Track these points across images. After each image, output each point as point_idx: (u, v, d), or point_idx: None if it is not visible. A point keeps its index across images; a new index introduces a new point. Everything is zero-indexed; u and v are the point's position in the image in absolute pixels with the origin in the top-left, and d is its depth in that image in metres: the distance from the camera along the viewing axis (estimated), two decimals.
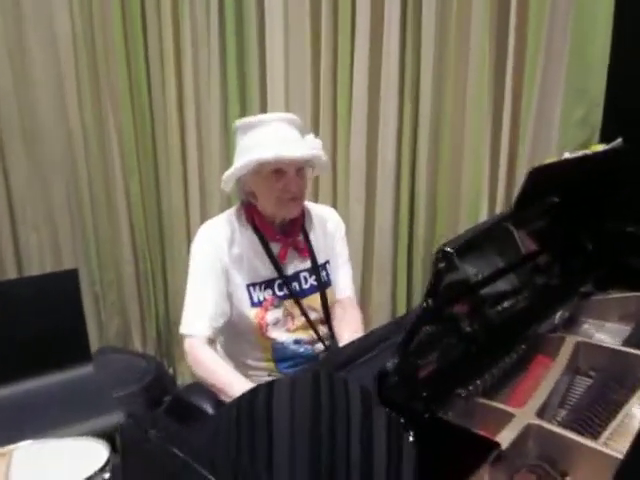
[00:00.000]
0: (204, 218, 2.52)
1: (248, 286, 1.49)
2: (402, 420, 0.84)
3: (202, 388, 1.77)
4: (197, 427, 0.81)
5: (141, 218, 2.79)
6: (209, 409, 1.62)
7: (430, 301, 0.85)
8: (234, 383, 1.35)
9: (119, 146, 2.71)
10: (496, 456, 0.78)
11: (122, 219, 2.80)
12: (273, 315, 1.51)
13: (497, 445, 0.79)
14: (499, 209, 1.82)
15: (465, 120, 1.87)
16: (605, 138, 1.57)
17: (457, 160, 1.92)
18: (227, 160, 2.42)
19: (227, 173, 1.45)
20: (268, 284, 1.51)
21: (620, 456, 0.83)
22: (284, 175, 1.42)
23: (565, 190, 1.27)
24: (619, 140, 1.39)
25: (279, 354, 1.54)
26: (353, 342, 1.32)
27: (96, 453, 1.21)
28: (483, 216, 1.86)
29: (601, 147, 1.34)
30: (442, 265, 0.82)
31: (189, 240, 2.62)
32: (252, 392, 0.95)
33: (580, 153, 1.22)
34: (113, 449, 1.24)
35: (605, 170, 1.48)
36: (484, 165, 1.83)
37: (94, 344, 2.74)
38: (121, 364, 2.62)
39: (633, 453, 0.77)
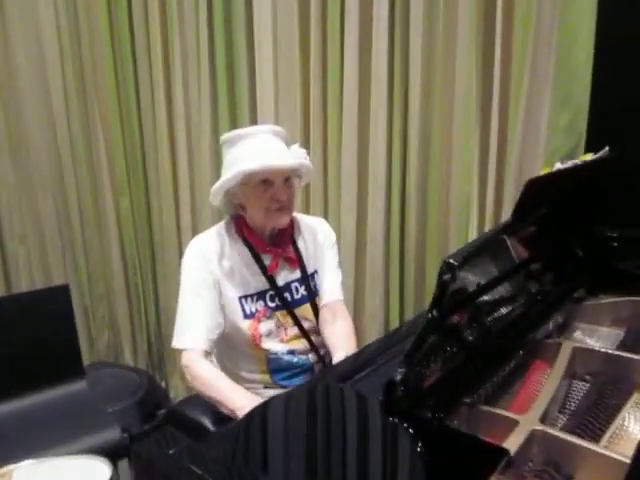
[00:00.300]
0: (195, 231, 2.53)
1: (240, 298, 1.51)
2: (411, 430, 0.85)
3: (198, 401, 1.77)
4: (212, 443, 0.82)
5: (131, 231, 2.78)
6: (207, 423, 1.63)
7: (435, 311, 0.87)
8: (235, 395, 1.35)
9: (108, 159, 2.71)
10: (505, 463, 0.80)
11: (112, 232, 2.79)
12: (266, 326, 1.52)
13: (506, 452, 0.81)
14: (489, 217, 1.84)
15: (453, 129, 1.89)
16: (590, 145, 1.61)
17: (446, 169, 1.94)
18: (218, 174, 2.41)
19: (215, 186, 1.45)
20: (260, 296, 1.53)
21: (621, 458, 0.85)
22: (272, 185, 1.43)
23: (558, 198, 1.30)
24: (606, 149, 1.43)
25: (274, 365, 1.55)
26: (350, 358, 1.33)
27: (98, 471, 1.21)
28: (473, 224, 1.88)
29: (590, 156, 1.38)
30: (447, 277, 0.84)
31: (180, 253, 2.60)
32: (266, 405, 0.96)
33: (571, 163, 1.25)
34: (114, 465, 1.24)
35: (593, 177, 1.52)
36: (473, 173, 1.86)
37: (85, 359, 2.71)
38: (113, 379, 2.59)
39: (636, 462, 0.79)
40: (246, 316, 1.50)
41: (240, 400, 1.32)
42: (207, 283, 1.46)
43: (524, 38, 1.67)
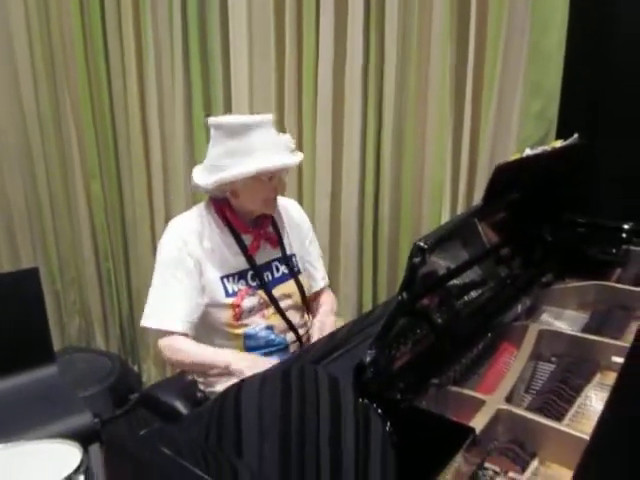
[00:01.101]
0: (168, 214, 2.50)
1: (222, 278, 1.52)
2: (380, 410, 0.87)
3: (171, 385, 1.78)
4: (185, 424, 0.82)
5: (102, 215, 2.74)
6: (180, 406, 1.63)
7: (405, 294, 0.88)
8: (224, 353, 1.46)
9: (78, 142, 2.65)
10: (470, 441, 0.82)
11: (82, 216, 2.74)
12: (250, 302, 1.55)
13: (472, 430, 0.83)
14: (461, 203, 1.87)
15: (427, 117, 1.91)
16: (561, 133, 1.64)
17: (420, 155, 1.95)
18: (191, 157, 2.40)
19: (223, 176, 1.43)
20: (241, 275, 1.55)
21: (582, 435, 0.88)
22: (274, 178, 1.49)
23: (526, 184, 1.32)
24: (575, 136, 1.45)
25: (250, 342, 1.56)
26: (324, 339, 1.35)
27: (69, 455, 1.20)
28: (446, 209, 1.90)
29: (559, 143, 1.40)
30: (417, 260, 0.85)
31: (154, 237, 2.59)
32: (235, 387, 0.97)
33: (540, 149, 1.27)
34: (85, 450, 1.23)
35: (562, 164, 1.55)
36: (446, 160, 1.87)
37: (56, 344, 2.67)
38: (85, 364, 2.57)
39: (595, 439, 0.82)
40: (228, 295, 1.52)
41: (230, 355, 1.45)
42: (186, 266, 1.48)
43: (497, 27, 1.69)
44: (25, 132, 2.62)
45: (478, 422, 0.90)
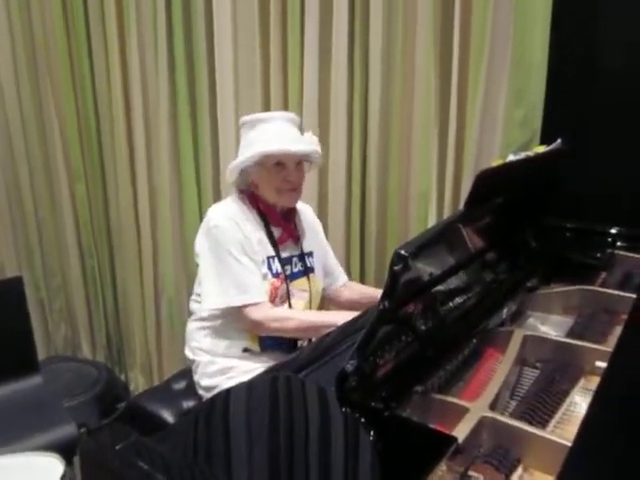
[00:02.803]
0: (153, 217, 2.49)
1: (269, 258, 1.61)
2: (362, 420, 0.86)
3: (158, 394, 1.76)
4: (160, 437, 0.81)
5: (88, 222, 2.72)
6: (167, 416, 1.62)
7: (387, 302, 0.88)
8: (331, 314, 1.62)
9: (62, 145, 2.63)
10: (453, 450, 0.82)
11: (67, 223, 2.72)
12: (282, 289, 1.62)
13: (454, 439, 0.83)
14: (447, 207, 1.87)
15: (413, 124, 1.92)
16: (545, 139, 1.65)
17: (406, 162, 1.96)
18: (176, 159, 2.39)
19: (233, 164, 1.58)
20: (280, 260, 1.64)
21: (566, 442, 0.88)
22: (285, 167, 1.57)
23: (510, 190, 1.33)
24: (558, 141, 1.46)
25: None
26: (308, 346, 1.34)
27: (51, 468, 1.18)
28: (432, 214, 1.91)
29: (543, 148, 1.41)
30: (398, 267, 0.85)
31: (139, 244, 2.57)
32: (212, 399, 0.96)
33: (523, 155, 1.28)
34: (68, 463, 1.22)
35: (545, 169, 1.56)
36: (432, 166, 1.88)
37: (41, 353, 2.66)
38: (70, 373, 2.55)
39: (579, 441, 0.82)
40: (273, 275, 1.61)
41: (336, 314, 1.58)
42: (246, 241, 1.56)
43: (480, 37, 1.70)
44: (8, 135, 2.60)
45: (462, 430, 0.89)
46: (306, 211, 1.82)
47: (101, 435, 0.79)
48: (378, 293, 1.66)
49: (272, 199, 1.61)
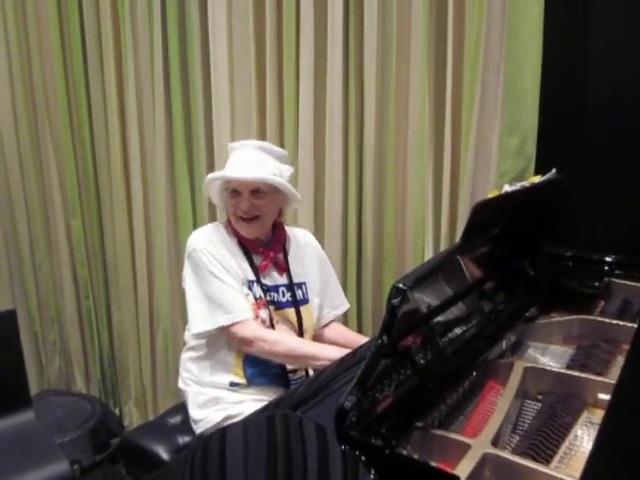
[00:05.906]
0: (150, 253, 2.48)
1: (250, 282, 1.59)
2: (363, 459, 0.84)
3: (152, 430, 1.72)
4: (155, 478, 0.78)
5: (83, 253, 2.70)
6: (162, 452, 1.58)
7: (385, 337, 0.86)
8: (325, 349, 1.53)
9: (59, 179, 2.63)
10: None
11: (63, 255, 2.70)
12: (264, 313, 1.59)
13: (456, 478, 0.81)
14: (444, 239, 1.87)
15: (407, 154, 1.93)
16: (539, 168, 1.66)
17: (401, 193, 1.97)
18: (172, 194, 2.39)
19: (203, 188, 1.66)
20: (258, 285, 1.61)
21: (570, 479, 0.85)
22: (239, 195, 1.55)
23: (507, 220, 1.33)
24: (553, 171, 1.47)
25: (251, 357, 1.58)
26: (305, 382, 1.32)
27: None
28: (429, 244, 1.90)
29: (537, 178, 1.41)
30: (396, 301, 0.84)
31: (134, 275, 2.56)
32: (208, 438, 0.93)
33: (519, 185, 1.28)
34: None
35: (542, 199, 1.56)
36: (427, 196, 1.88)
37: (34, 386, 2.62)
38: (63, 408, 2.49)
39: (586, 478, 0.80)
40: (255, 298, 1.58)
41: (332, 349, 1.52)
42: (226, 262, 1.56)
43: (473, 67, 1.73)
44: (5, 171, 2.60)
45: (464, 467, 0.87)
46: (302, 240, 1.78)
47: (93, 478, 0.76)
48: (360, 339, 1.66)
49: (236, 227, 1.61)
